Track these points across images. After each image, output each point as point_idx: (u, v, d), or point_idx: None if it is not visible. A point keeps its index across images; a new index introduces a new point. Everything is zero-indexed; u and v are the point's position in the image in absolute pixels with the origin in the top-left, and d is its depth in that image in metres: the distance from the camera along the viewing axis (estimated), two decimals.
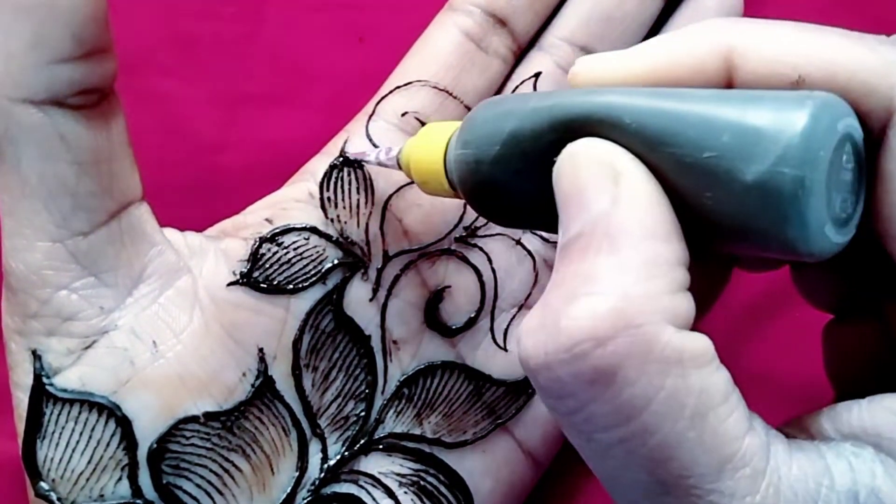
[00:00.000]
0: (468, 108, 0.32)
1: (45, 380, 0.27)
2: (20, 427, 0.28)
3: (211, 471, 0.28)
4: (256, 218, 0.31)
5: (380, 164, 0.30)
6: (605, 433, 0.20)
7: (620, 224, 0.20)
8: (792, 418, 0.22)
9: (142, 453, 0.27)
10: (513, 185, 0.24)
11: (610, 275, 0.20)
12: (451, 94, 0.32)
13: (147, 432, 0.28)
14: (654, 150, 0.20)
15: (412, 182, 0.31)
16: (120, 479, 0.27)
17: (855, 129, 0.20)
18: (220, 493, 0.29)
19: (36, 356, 0.27)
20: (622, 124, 0.21)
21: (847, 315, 0.25)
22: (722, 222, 0.20)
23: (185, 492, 0.28)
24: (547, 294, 0.21)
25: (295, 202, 0.31)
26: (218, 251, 0.30)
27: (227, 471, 0.29)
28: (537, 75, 0.33)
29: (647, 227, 0.20)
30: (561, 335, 0.20)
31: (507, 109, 0.23)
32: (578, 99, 0.22)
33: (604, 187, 0.20)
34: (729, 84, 0.22)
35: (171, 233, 0.30)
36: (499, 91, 0.33)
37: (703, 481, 0.19)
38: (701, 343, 0.20)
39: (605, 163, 0.21)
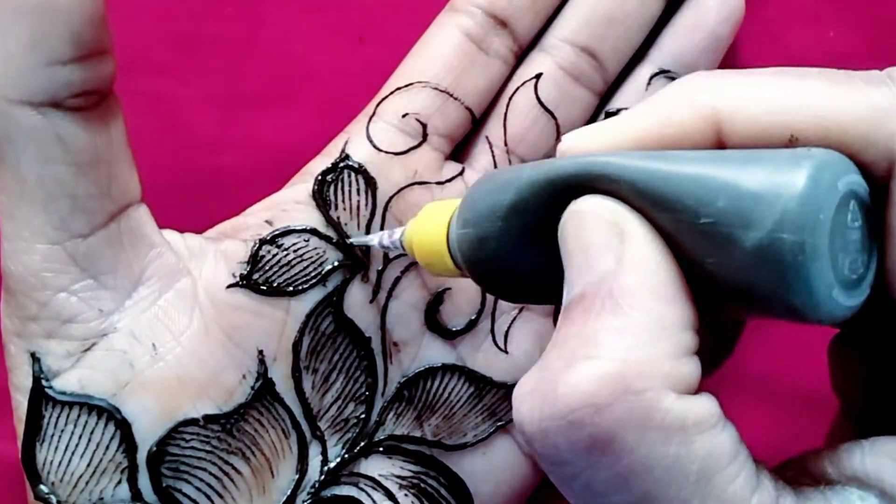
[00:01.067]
0: (469, 110, 0.32)
1: (44, 382, 0.27)
2: (20, 430, 0.28)
3: (210, 474, 0.28)
4: (256, 219, 0.31)
5: (384, 248, 0.30)
6: (605, 500, 0.20)
7: (624, 285, 0.20)
8: (792, 458, 0.22)
9: (141, 456, 0.27)
10: (519, 259, 0.23)
11: (610, 338, 0.19)
12: (451, 96, 0.32)
13: (146, 435, 0.27)
14: (653, 212, 0.20)
15: (413, 184, 0.31)
16: (119, 482, 0.27)
17: (859, 185, 0.19)
18: (220, 496, 0.29)
19: (35, 359, 0.27)
20: (619, 187, 0.20)
21: (852, 333, 0.24)
22: (727, 287, 0.20)
23: (185, 495, 0.28)
24: (546, 355, 0.20)
25: (295, 204, 0.31)
26: (217, 253, 0.30)
27: (226, 473, 0.29)
28: (538, 76, 0.33)
29: (652, 289, 0.20)
30: (557, 401, 0.19)
31: (502, 183, 0.23)
32: (573, 162, 0.21)
33: (608, 246, 0.20)
34: (720, 146, 0.21)
35: (170, 234, 0.29)
36: (500, 91, 0.33)
37: None
38: (705, 406, 0.19)
39: (610, 221, 0.20)
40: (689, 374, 0.19)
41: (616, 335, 0.19)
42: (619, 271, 0.20)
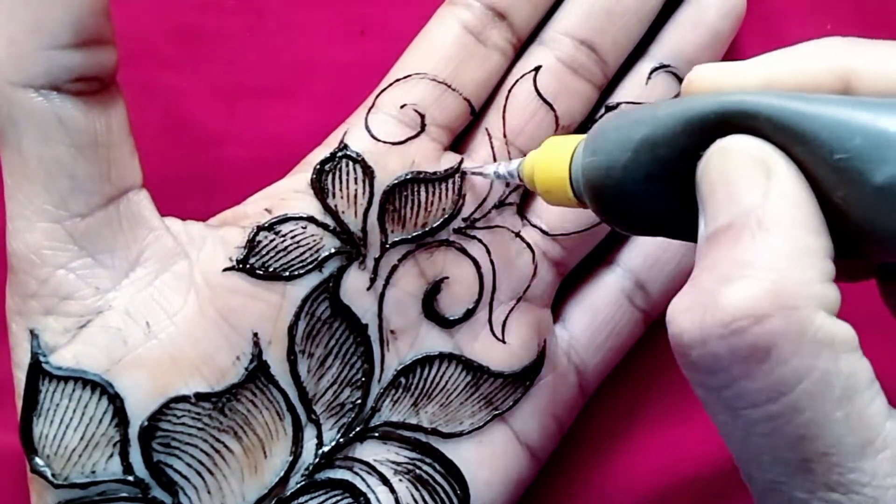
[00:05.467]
0: (467, 101, 0.33)
1: (41, 358, 0.28)
2: (20, 406, 0.28)
3: (201, 450, 0.29)
4: (256, 208, 0.31)
5: (498, 176, 0.31)
6: (754, 409, 0.21)
7: (773, 215, 0.21)
8: None
9: (133, 431, 0.28)
10: (643, 191, 0.24)
11: (764, 260, 0.20)
12: (449, 87, 0.32)
13: (138, 410, 0.28)
14: (787, 147, 0.21)
15: (413, 173, 0.32)
16: (111, 455, 0.28)
17: None
18: (211, 473, 0.29)
19: (33, 335, 0.28)
20: (756, 122, 0.22)
21: None
22: (852, 222, 0.21)
23: (176, 470, 0.28)
24: (696, 277, 0.22)
25: (294, 192, 0.31)
26: (216, 238, 0.30)
27: (217, 451, 0.29)
28: (537, 68, 0.33)
29: (799, 220, 0.21)
30: (719, 311, 0.20)
31: (637, 118, 0.24)
32: (710, 100, 0.22)
33: (755, 181, 0.21)
34: None
35: (171, 221, 0.30)
36: (500, 84, 0.34)
37: (846, 460, 0.20)
38: (849, 330, 0.21)
39: (757, 158, 0.21)
40: (833, 299, 0.21)
41: (769, 258, 0.20)
42: (767, 203, 0.21)
